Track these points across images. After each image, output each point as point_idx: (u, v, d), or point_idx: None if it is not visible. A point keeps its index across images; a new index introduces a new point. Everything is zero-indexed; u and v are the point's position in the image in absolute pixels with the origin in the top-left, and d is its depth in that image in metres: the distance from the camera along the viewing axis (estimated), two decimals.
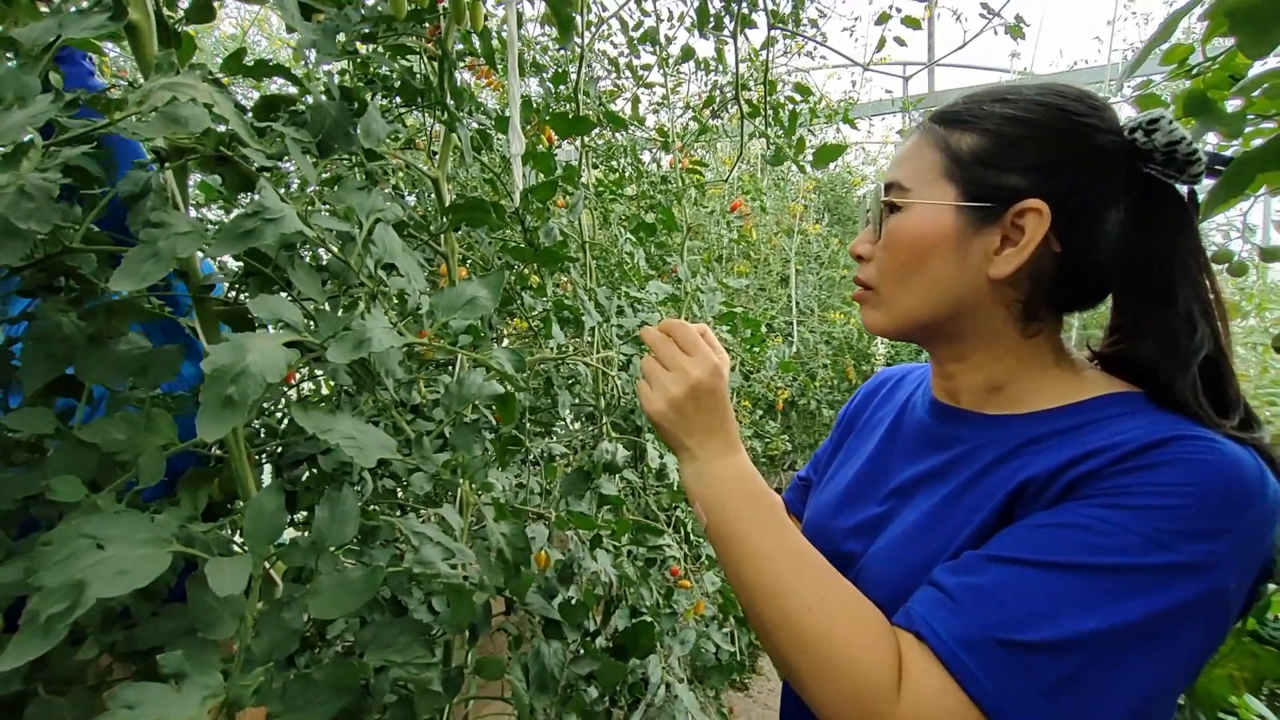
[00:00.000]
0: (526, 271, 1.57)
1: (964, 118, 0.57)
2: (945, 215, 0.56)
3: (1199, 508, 0.43)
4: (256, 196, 0.50)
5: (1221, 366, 0.53)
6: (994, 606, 0.44)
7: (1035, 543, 0.46)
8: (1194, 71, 0.78)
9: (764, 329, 2.64)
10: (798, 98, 2.29)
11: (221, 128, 0.56)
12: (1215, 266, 0.59)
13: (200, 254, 0.66)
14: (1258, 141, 0.80)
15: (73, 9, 0.47)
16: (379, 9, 0.84)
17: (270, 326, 0.52)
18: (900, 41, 1.98)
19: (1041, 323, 0.58)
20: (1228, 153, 0.59)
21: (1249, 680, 0.63)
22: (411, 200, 1.80)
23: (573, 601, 0.97)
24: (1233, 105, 0.76)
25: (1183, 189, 0.55)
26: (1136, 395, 0.54)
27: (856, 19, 3.51)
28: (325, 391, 1.24)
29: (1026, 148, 0.54)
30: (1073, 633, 0.42)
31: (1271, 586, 0.57)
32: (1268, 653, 0.63)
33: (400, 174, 1.72)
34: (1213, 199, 0.61)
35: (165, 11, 0.64)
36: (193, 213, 0.76)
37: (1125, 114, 0.58)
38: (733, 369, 2.17)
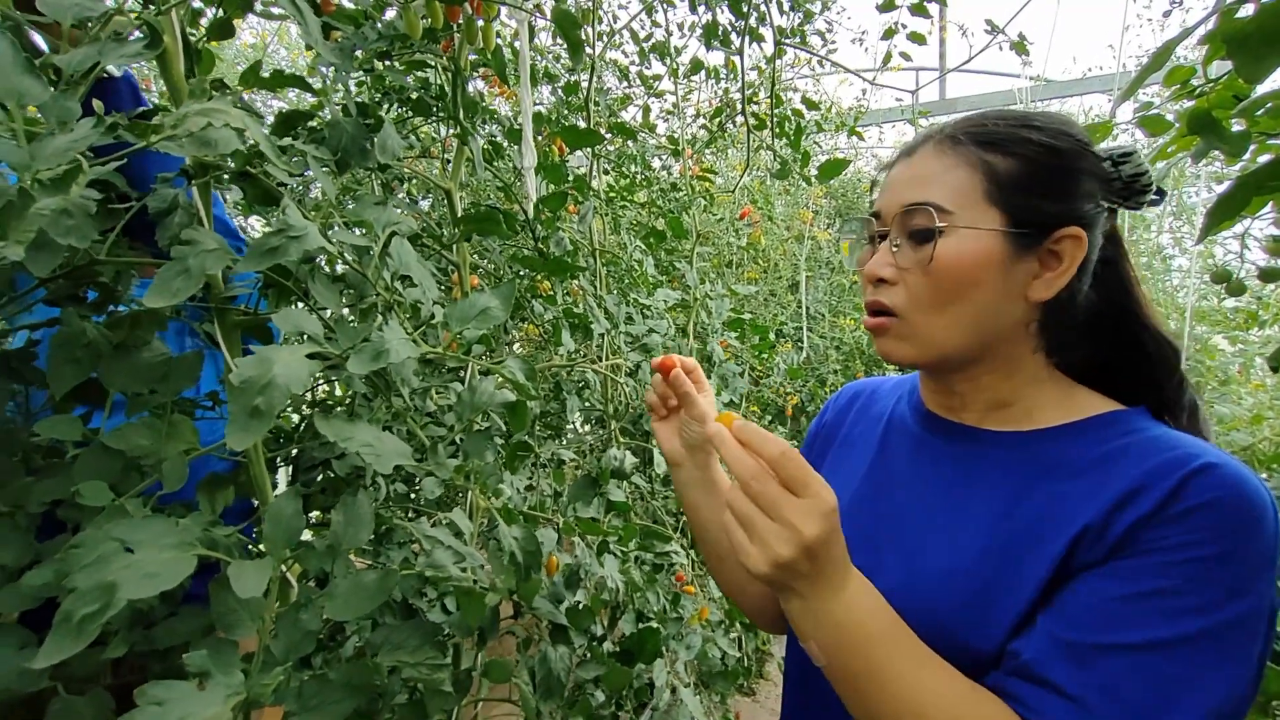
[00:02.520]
0: (539, 279, 1.59)
1: (997, 140, 0.57)
2: (993, 241, 0.55)
3: (1253, 546, 0.46)
4: (282, 214, 0.52)
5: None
6: (1123, 707, 0.45)
7: (1132, 619, 0.47)
8: (1197, 91, 0.78)
9: (773, 335, 2.64)
10: (805, 111, 2.30)
11: (248, 136, 0.58)
12: (1215, 285, 0.62)
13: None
14: (1265, 158, 0.80)
15: (110, 36, 0.49)
16: (395, 27, 0.86)
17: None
18: (906, 56, 2.00)
19: (1044, 340, 0.60)
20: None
21: (1259, 701, 0.64)
22: (426, 204, 1.82)
23: (580, 606, 0.98)
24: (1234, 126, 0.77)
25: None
26: (1130, 412, 0.57)
27: (864, 32, 3.52)
28: (340, 393, 1.27)
29: (1058, 176, 0.56)
30: (1198, 715, 0.44)
31: None
32: (1274, 672, 0.64)
33: (414, 181, 1.75)
34: (1212, 218, 0.62)
35: (188, 29, 0.67)
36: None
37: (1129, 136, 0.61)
38: (741, 374, 2.17)
